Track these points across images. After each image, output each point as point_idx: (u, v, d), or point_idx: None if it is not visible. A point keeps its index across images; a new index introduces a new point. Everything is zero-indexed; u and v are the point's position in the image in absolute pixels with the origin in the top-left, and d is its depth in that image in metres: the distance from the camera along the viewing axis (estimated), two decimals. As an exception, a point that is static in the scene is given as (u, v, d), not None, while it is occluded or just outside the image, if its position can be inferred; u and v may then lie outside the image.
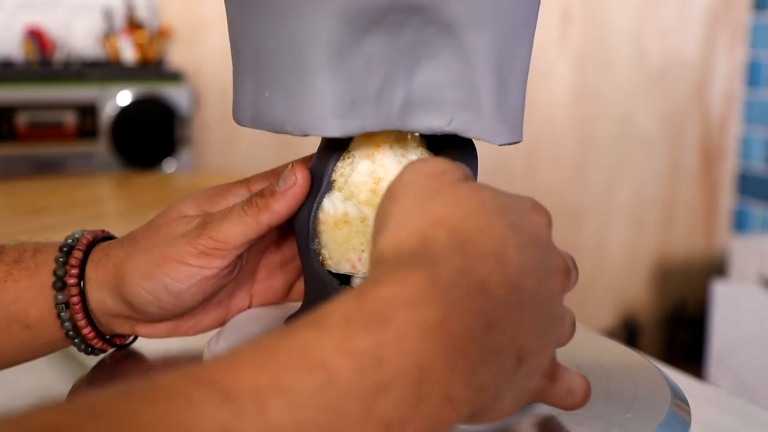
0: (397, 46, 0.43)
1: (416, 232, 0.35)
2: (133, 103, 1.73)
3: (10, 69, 1.72)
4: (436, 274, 0.33)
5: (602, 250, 2.54)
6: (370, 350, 0.30)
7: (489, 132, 0.44)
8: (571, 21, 2.39)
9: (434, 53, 0.43)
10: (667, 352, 2.62)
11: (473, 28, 0.42)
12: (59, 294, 0.48)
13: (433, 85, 0.44)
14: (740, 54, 2.61)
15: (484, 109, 0.43)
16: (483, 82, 0.43)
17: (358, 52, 0.42)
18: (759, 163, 2.59)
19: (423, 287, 0.32)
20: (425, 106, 0.44)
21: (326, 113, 0.43)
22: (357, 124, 0.43)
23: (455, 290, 0.33)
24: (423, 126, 0.44)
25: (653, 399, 0.46)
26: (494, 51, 0.43)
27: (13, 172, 1.66)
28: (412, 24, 0.42)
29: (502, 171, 2.32)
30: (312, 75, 0.42)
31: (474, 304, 0.33)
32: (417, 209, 0.36)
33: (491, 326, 0.33)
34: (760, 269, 2.09)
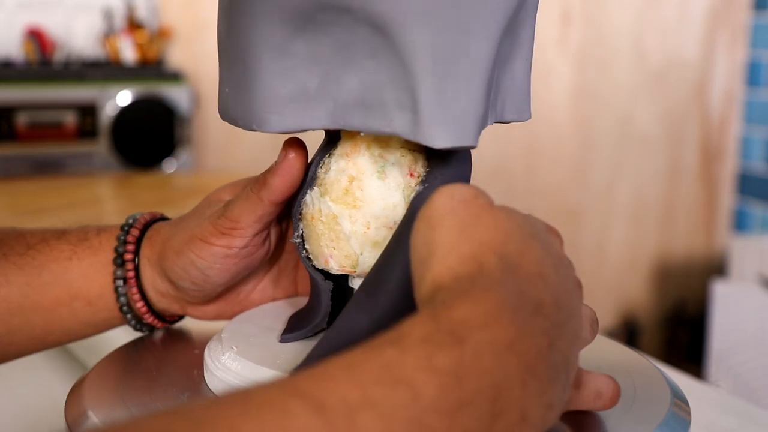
0: (334, 45, 0.43)
1: (468, 258, 0.36)
2: (133, 103, 1.73)
3: (10, 69, 1.72)
4: (501, 297, 0.34)
5: (602, 250, 2.54)
6: (449, 369, 0.31)
7: (426, 135, 0.42)
8: (571, 21, 2.39)
9: (372, 53, 0.42)
10: (667, 352, 2.62)
11: (405, 27, 0.41)
12: (118, 270, 0.52)
13: (373, 84, 0.43)
14: (740, 54, 2.61)
15: (420, 112, 0.42)
16: (418, 83, 0.41)
17: (294, 51, 0.43)
18: (759, 163, 2.59)
19: (493, 308, 0.33)
20: (366, 106, 0.43)
21: (266, 109, 0.44)
22: (296, 121, 0.44)
23: (520, 312, 0.34)
24: (364, 126, 0.44)
25: (653, 399, 0.46)
26: (430, 51, 0.41)
27: (13, 172, 1.66)
28: (343, 23, 0.42)
29: (502, 171, 2.32)
30: (253, 72, 0.44)
31: (537, 324, 0.34)
32: (461, 235, 0.37)
33: (552, 345, 0.35)
34: (760, 269, 2.09)
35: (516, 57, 0.47)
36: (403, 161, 0.46)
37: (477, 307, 0.33)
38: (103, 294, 0.52)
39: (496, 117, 0.48)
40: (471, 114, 0.43)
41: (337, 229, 0.46)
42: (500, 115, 0.48)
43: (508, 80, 0.47)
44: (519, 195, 2.37)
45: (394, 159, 0.46)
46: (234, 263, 0.50)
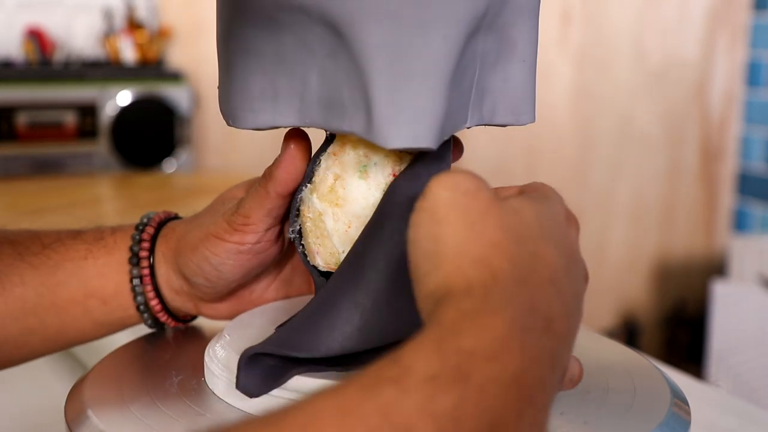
0: (297, 44, 0.43)
1: (480, 261, 0.35)
2: (133, 103, 1.73)
3: (10, 69, 1.72)
4: (512, 318, 0.33)
5: (602, 250, 2.54)
6: (450, 412, 0.30)
7: (378, 134, 0.41)
8: (571, 21, 2.39)
9: (331, 52, 0.42)
10: (667, 352, 2.62)
11: (357, 26, 0.40)
12: (134, 268, 0.52)
13: (333, 84, 0.43)
14: (740, 54, 2.61)
15: (373, 110, 0.41)
16: (371, 82, 0.41)
17: (262, 50, 0.44)
18: (759, 163, 2.59)
19: (503, 334, 0.32)
20: (327, 105, 0.43)
21: (240, 107, 0.45)
22: (266, 118, 0.45)
23: (529, 335, 0.33)
24: (327, 125, 0.44)
25: (653, 399, 0.46)
26: (383, 49, 0.40)
27: (13, 172, 1.66)
28: (302, 23, 0.42)
29: (502, 171, 2.32)
30: (230, 71, 0.46)
31: (545, 346, 0.34)
32: (469, 232, 0.36)
33: (554, 365, 0.34)
34: (760, 269, 2.09)
35: (509, 58, 0.46)
36: (386, 162, 0.46)
37: (486, 334, 0.32)
38: (118, 293, 0.53)
39: (481, 119, 0.47)
40: (428, 115, 0.42)
41: (322, 227, 0.47)
42: (489, 118, 0.47)
43: (499, 81, 0.46)
44: (519, 195, 2.37)
45: (377, 159, 0.46)
46: (247, 259, 0.50)
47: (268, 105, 0.45)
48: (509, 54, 0.46)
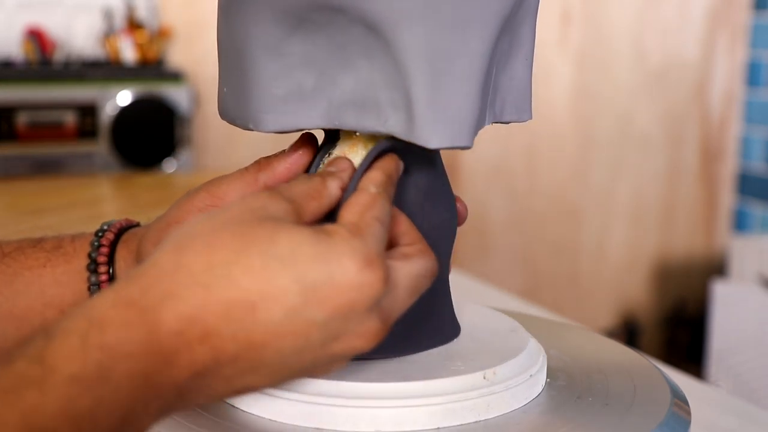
0: (329, 45, 0.43)
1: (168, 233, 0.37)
2: (133, 103, 1.73)
3: (10, 69, 1.72)
4: (156, 321, 0.34)
5: (602, 250, 2.54)
6: (89, 411, 0.31)
7: (421, 134, 0.42)
8: (571, 21, 2.39)
9: (367, 52, 0.42)
10: (667, 352, 2.62)
11: (398, 28, 0.41)
12: (92, 275, 0.49)
13: (369, 84, 0.43)
14: (740, 54, 2.61)
15: (414, 111, 0.41)
16: (412, 83, 0.41)
17: (289, 51, 0.43)
18: (759, 163, 2.59)
19: (144, 335, 0.33)
20: (361, 106, 0.43)
21: (261, 109, 0.44)
22: (290, 120, 0.44)
23: (175, 338, 0.34)
24: (360, 126, 0.44)
25: (653, 399, 0.46)
26: (424, 51, 0.41)
27: (13, 172, 1.66)
28: (337, 24, 0.42)
29: (502, 171, 2.32)
30: (249, 72, 0.44)
31: (192, 354, 0.34)
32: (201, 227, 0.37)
33: (199, 373, 0.35)
34: (760, 269, 2.09)
35: (516, 56, 0.47)
36: None
37: (128, 332, 0.33)
38: (76, 301, 0.50)
39: (494, 117, 0.47)
40: (466, 114, 0.42)
41: None
42: (499, 116, 0.48)
43: (507, 80, 0.47)
44: (519, 195, 2.37)
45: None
46: None
47: (293, 107, 0.44)
48: (516, 53, 0.47)
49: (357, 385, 0.42)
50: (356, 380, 0.43)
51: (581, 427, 0.43)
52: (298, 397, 0.42)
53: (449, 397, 0.43)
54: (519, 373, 0.45)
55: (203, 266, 0.35)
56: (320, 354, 0.37)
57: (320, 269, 0.36)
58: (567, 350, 0.53)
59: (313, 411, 0.42)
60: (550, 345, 0.52)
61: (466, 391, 0.43)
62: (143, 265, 0.36)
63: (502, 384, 0.44)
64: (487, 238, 2.34)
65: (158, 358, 0.34)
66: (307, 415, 0.42)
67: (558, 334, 0.56)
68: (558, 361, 0.51)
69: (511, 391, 0.44)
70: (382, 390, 0.42)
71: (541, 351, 0.49)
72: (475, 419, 0.43)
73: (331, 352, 0.37)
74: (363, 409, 0.42)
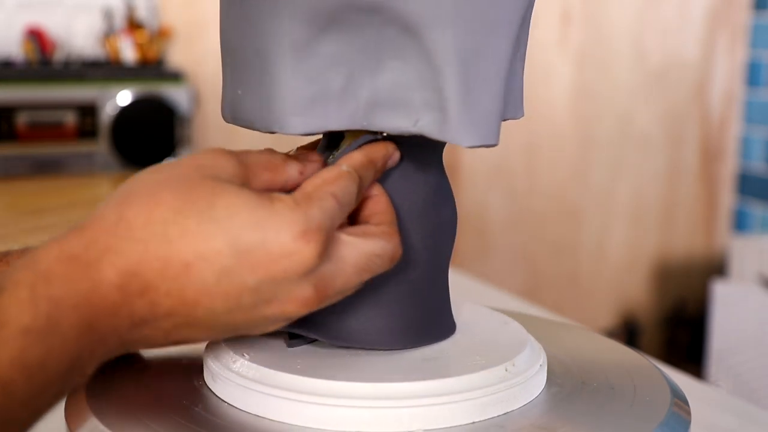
0: (360, 45, 0.42)
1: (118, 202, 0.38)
2: (133, 103, 1.73)
3: (10, 69, 1.72)
4: (98, 275, 0.36)
5: (602, 250, 2.54)
6: (40, 360, 0.34)
7: (455, 134, 0.42)
8: (571, 21, 2.39)
9: (399, 53, 0.42)
10: (667, 352, 2.62)
11: (434, 29, 0.41)
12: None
13: (399, 85, 0.43)
14: (740, 54, 2.61)
15: (449, 111, 0.42)
16: (447, 83, 0.42)
17: (318, 51, 0.43)
18: (759, 163, 2.59)
19: (87, 289, 0.36)
20: (391, 106, 0.43)
21: (288, 111, 0.43)
22: (319, 122, 0.43)
23: (116, 291, 0.36)
24: (389, 126, 0.44)
25: (653, 399, 0.46)
26: (458, 51, 0.41)
27: (13, 172, 1.66)
28: (372, 24, 0.42)
29: (502, 170, 2.32)
30: (274, 73, 0.43)
31: (132, 306, 0.36)
32: (138, 185, 0.39)
33: (136, 324, 0.37)
34: (760, 269, 2.09)
35: (517, 55, 0.47)
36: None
37: (72, 286, 0.35)
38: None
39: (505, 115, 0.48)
40: (494, 113, 0.43)
41: None
42: (504, 114, 0.48)
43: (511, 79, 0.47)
44: (519, 194, 2.37)
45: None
46: None
47: (321, 109, 0.43)
48: (517, 51, 0.47)
49: (395, 386, 0.42)
50: (388, 381, 0.43)
51: (581, 427, 0.43)
52: (335, 402, 0.42)
53: (482, 390, 0.43)
54: (525, 370, 0.46)
55: (143, 222, 0.37)
56: (252, 315, 0.39)
57: (255, 234, 0.37)
58: (567, 350, 0.53)
59: (355, 414, 0.42)
60: (550, 345, 0.52)
61: (494, 384, 0.44)
62: (89, 217, 0.38)
63: (522, 375, 0.45)
64: (487, 238, 2.34)
65: (102, 310, 0.36)
66: (349, 417, 0.42)
67: (558, 334, 0.56)
68: (558, 361, 0.51)
69: (487, 398, 0.44)
70: (420, 389, 0.43)
71: (541, 351, 0.49)
72: (504, 411, 0.44)
73: (263, 314, 0.39)
74: (405, 409, 0.42)
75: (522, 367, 0.46)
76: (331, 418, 0.42)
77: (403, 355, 0.46)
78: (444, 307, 0.49)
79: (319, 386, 0.42)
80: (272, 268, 0.37)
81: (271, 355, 0.45)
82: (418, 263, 0.47)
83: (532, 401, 0.45)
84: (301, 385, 0.43)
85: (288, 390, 0.43)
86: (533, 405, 0.45)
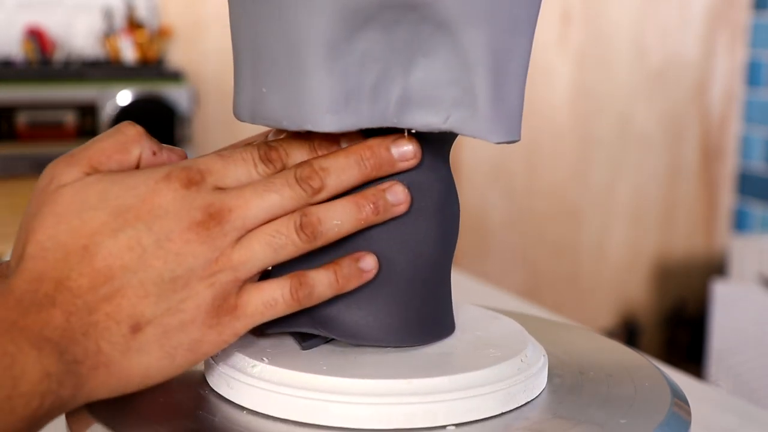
0: (393, 43, 0.43)
1: (17, 250, 0.42)
2: (133, 102, 1.73)
3: (10, 69, 1.72)
4: (12, 285, 0.40)
5: (602, 250, 2.54)
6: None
7: (485, 130, 0.43)
8: (571, 21, 2.39)
9: (431, 51, 0.43)
10: (667, 352, 2.62)
11: (469, 27, 0.42)
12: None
13: (430, 82, 0.43)
14: (740, 54, 2.61)
15: (479, 108, 0.43)
16: (479, 81, 0.42)
17: (352, 49, 0.42)
18: (759, 162, 2.59)
19: (2, 300, 0.39)
20: (422, 104, 0.44)
21: (322, 109, 0.43)
22: (352, 120, 0.43)
23: (31, 295, 0.39)
24: (419, 123, 0.44)
25: (653, 399, 0.46)
26: (490, 50, 0.42)
27: (13, 171, 1.66)
28: (408, 21, 0.42)
29: (502, 171, 2.32)
30: (307, 71, 0.43)
31: (53, 300, 0.39)
32: (21, 229, 0.43)
33: (72, 312, 0.39)
34: (760, 269, 2.09)
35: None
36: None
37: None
38: None
39: None
40: (517, 109, 0.45)
41: None
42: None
43: None
44: (519, 194, 2.37)
45: None
46: None
47: (355, 106, 0.43)
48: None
49: (426, 381, 0.43)
50: (417, 377, 0.43)
51: (581, 427, 0.43)
52: (370, 400, 0.42)
53: (508, 381, 0.44)
54: (535, 362, 0.46)
55: (49, 242, 0.41)
56: (167, 259, 0.40)
57: (128, 194, 0.41)
58: (567, 350, 0.53)
59: (389, 411, 0.42)
60: (550, 345, 0.52)
61: (515, 375, 0.45)
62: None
63: (535, 366, 0.46)
64: (487, 238, 2.34)
65: (21, 311, 0.39)
66: (383, 415, 0.42)
67: (558, 334, 0.56)
68: (558, 361, 0.51)
69: (512, 389, 0.44)
70: (450, 384, 0.43)
71: (541, 351, 0.49)
72: (525, 401, 0.45)
73: (175, 249, 0.41)
74: (437, 404, 0.42)
75: (533, 358, 0.46)
76: (364, 416, 0.42)
77: (414, 353, 0.46)
78: (449, 305, 0.50)
79: (351, 385, 0.42)
80: (150, 208, 0.41)
81: (290, 358, 0.45)
82: (432, 260, 0.47)
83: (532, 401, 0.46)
84: (331, 386, 0.42)
85: (319, 391, 0.42)
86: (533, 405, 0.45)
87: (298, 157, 0.44)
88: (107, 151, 0.43)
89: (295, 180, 0.43)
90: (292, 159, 0.44)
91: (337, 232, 0.43)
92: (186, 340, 0.41)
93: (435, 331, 0.48)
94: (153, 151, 0.44)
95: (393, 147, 0.45)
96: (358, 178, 0.44)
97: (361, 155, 0.44)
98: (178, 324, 0.41)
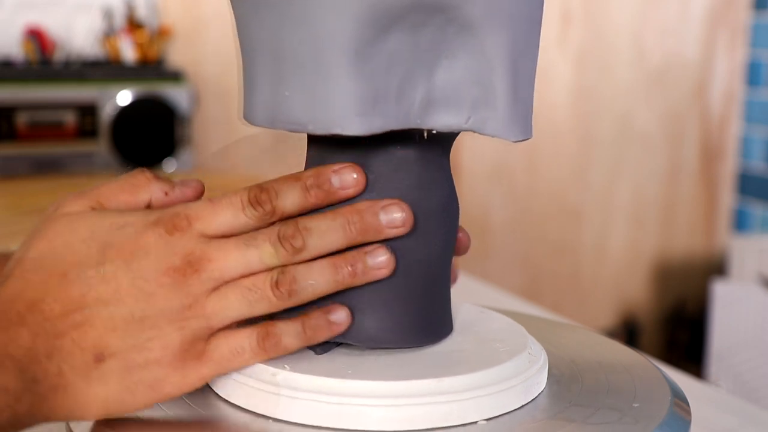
0: (418, 44, 0.43)
1: (9, 266, 0.43)
2: (133, 102, 1.73)
3: (10, 69, 1.72)
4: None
5: (602, 250, 2.54)
6: None
7: (504, 129, 0.44)
8: (571, 21, 2.39)
9: (453, 52, 0.43)
10: (667, 352, 2.62)
11: (492, 28, 0.42)
12: None
13: (452, 83, 0.44)
14: (740, 54, 2.61)
15: (499, 107, 0.44)
16: (499, 81, 0.43)
17: (379, 50, 0.42)
18: (759, 162, 2.59)
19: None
20: (444, 104, 0.44)
21: (350, 111, 0.43)
22: (380, 122, 0.43)
23: (3, 316, 0.41)
24: (442, 124, 0.44)
25: (653, 399, 0.46)
26: (510, 50, 0.43)
27: (13, 171, 1.66)
28: (434, 23, 0.42)
29: (502, 171, 2.32)
30: (334, 73, 0.42)
31: (24, 320, 0.41)
32: (20, 247, 0.44)
33: (38, 333, 0.41)
34: (760, 269, 2.09)
35: None
36: None
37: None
38: None
39: None
40: (530, 108, 0.46)
41: None
42: None
43: None
44: (519, 194, 2.37)
45: None
46: None
47: (382, 108, 0.43)
48: None
49: (455, 379, 0.43)
50: (442, 376, 0.43)
51: (581, 427, 0.43)
52: (404, 402, 0.42)
53: (524, 374, 0.45)
54: (540, 357, 0.47)
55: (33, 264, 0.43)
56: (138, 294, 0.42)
57: (116, 232, 0.42)
58: (567, 350, 0.53)
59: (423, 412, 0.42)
60: (550, 345, 0.52)
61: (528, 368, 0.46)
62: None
63: (541, 359, 0.47)
64: (488, 238, 2.34)
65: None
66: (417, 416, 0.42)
67: (558, 334, 0.56)
68: (558, 361, 0.51)
69: (529, 381, 0.45)
70: (478, 380, 0.43)
71: (541, 351, 0.49)
72: (536, 394, 0.46)
73: (149, 289, 0.42)
74: (467, 401, 0.43)
75: (537, 351, 0.47)
76: (398, 418, 0.42)
77: (426, 352, 0.46)
78: (448, 305, 0.50)
79: (383, 388, 0.42)
80: (132, 250, 0.42)
81: (309, 364, 0.44)
82: (440, 260, 0.47)
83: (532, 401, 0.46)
84: (364, 389, 0.42)
85: (357, 396, 0.42)
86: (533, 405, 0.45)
87: (289, 198, 0.44)
88: (115, 191, 0.45)
89: (278, 238, 0.43)
90: (282, 200, 0.44)
91: (311, 292, 0.43)
92: (148, 378, 0.42)
93: (440, 330, 0.49)
94: (165, 192, 0.46)
95: (382, 213, 0.44)
96: (342, 241, 0.44)
97: (348, 219, 0.44)
98: (143, 361, 0.42)
